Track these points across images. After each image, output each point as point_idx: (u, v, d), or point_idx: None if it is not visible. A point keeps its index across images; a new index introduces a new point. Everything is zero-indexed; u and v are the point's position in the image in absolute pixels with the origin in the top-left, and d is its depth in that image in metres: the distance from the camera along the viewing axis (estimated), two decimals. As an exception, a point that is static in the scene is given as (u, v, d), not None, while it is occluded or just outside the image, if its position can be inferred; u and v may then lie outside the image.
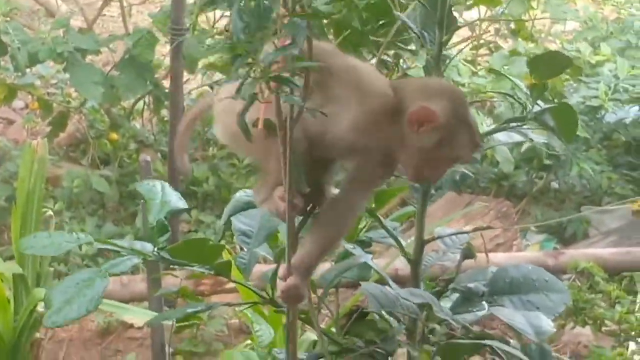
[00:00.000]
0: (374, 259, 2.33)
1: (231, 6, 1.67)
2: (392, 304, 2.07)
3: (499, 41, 7.51)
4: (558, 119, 1.99)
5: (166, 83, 5.80)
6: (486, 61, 7.17)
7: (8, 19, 6.01)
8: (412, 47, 4.15)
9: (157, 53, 6.09)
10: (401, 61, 4.37)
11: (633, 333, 4.63)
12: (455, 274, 2.17)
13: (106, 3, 7.29)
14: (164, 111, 6.23)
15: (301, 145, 1.88)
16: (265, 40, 1.69)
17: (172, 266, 2.22)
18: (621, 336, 4.65)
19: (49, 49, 5.47)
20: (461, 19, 4.81)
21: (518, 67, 6.22)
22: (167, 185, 2.29)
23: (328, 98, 1.88)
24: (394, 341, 2.15)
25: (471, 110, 1.92)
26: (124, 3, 7.12)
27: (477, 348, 2.11)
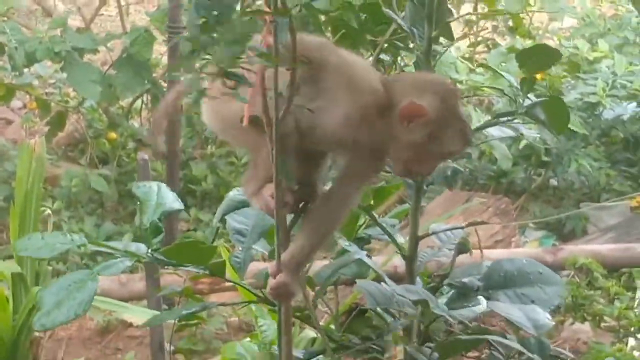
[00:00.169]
0: (374, 256, 2.32)
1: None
2: (389, 301, 2.07)
3: (497, 38, 7.51)
4: (549, 113, 2.00)
5: (164, 82, 5.80)
6: (484, 58, 7.17)
7: (5, 19, 6.01)
8: (411, 45, 4.14)
9: (155, 52, 6.08)
10: (399, 59, 4.37)
11: (632, 329, 4.61)
12: (449, 269, 2.16)
13: (103, 2, 7.29)
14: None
15: (291, 140, 1.88)
16: (225, 35, 1.66)
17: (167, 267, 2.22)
18: (620, 332, 4.64)
19: (47, 49, 5.46)
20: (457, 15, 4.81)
21: (515, 64, 6.19)
22: (164, 186, 2.29)
23: (319, 91, 1.87)
24: (389, 338, 2.15)
25: (462, 105, 1.91)
26: (122, 2, 7.12)
27: (475, 344, 2.11)
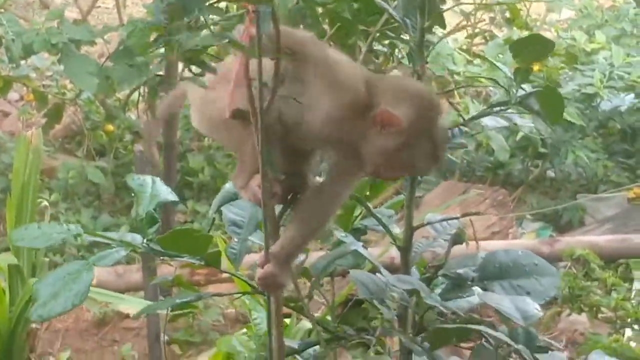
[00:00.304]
0: (371, 247, 2.32)
1: None
2: (382, 292, 2.07)
3: (494, 30, 7.50)
4: (543, 103, 1.99)
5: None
6: (481, 50, 7.17)
7: (2, 11, 5.98)
8: (404, 36, 4.13)
9: (152, 44, 6.07)
10: (396, 51, 4.36)
11: (629, 320, 4.63)
12: (444, 260, 2.17)
13: (101, -6, 7.28)
14: (159, 102, 6.21)
15: (275, 131, 1.88)
16: (190, 23, 1.66)
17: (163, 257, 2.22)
18: (617, 323, 4.65)
19: (44, 40, 5.43)
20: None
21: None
22: (158, 179, 2.29)
23: (304, 88, 1.88)
24: (383, 328, 2.15)
25: (442, 119, 1.90)
26: (119, -6, 7.10)
27: (466, 333, 2.11)
